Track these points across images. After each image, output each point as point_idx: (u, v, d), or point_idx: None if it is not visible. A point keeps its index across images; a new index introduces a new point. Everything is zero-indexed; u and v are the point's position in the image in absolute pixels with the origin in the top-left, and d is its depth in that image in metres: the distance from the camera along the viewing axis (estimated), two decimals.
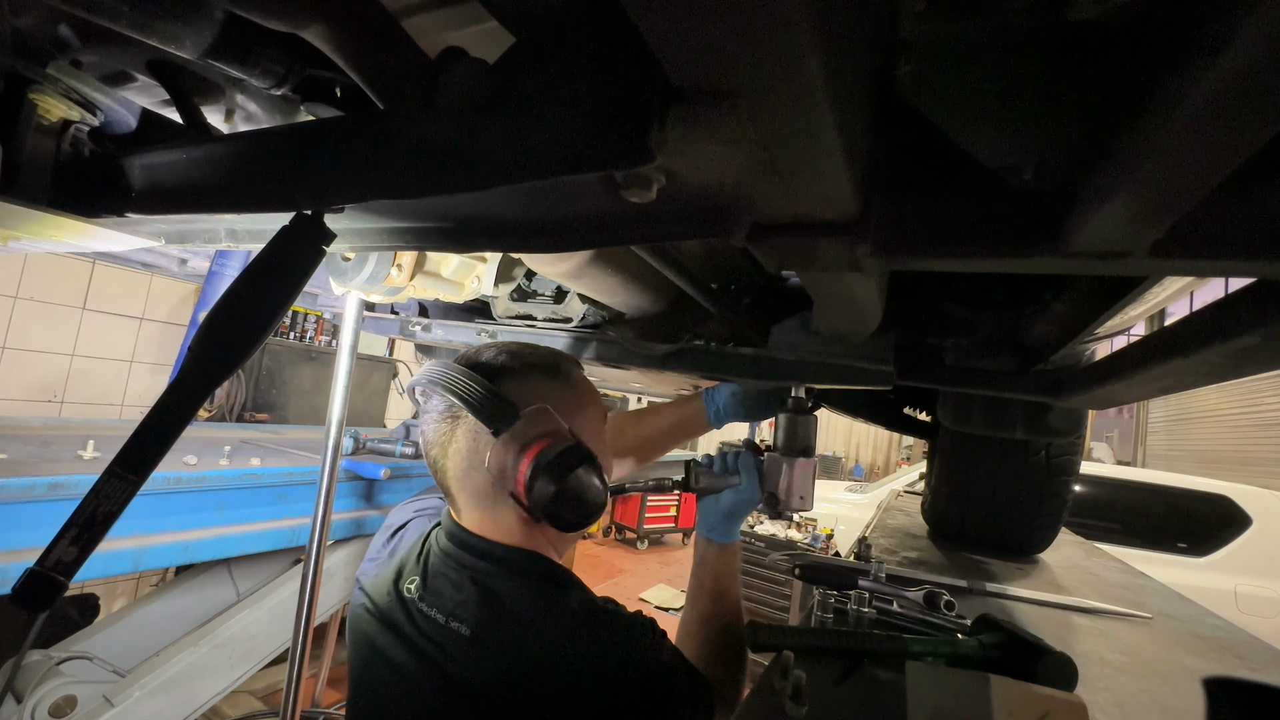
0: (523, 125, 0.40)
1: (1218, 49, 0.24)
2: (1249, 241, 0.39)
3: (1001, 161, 0.44)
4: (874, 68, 0.41)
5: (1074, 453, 1.68)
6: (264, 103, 0.65)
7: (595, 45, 0.37)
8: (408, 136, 0.46)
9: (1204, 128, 0.27)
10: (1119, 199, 0.34)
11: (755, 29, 0.26)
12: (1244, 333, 0.49)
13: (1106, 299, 0.71)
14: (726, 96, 0.32)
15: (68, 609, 2.20)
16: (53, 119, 0.62)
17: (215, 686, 1.50)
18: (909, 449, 11.93)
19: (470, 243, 0.59)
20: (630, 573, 6.05)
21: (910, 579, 1.30)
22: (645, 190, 0.40)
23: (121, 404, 3.24)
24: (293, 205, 0.52)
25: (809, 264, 0.52)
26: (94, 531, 0.44)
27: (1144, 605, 1.45)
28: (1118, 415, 11.44)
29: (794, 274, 0.93)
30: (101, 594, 2.58)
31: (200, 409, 0.57)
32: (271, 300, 0.51)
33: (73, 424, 1.90)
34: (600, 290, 0.86)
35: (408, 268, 1.02)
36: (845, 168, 0.37)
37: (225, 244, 0.74)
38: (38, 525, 1.11)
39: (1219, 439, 7.48)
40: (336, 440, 1.33)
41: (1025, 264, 0.45)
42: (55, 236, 0.73)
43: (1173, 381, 0.71)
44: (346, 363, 1.25)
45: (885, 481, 5.11)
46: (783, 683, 0.76)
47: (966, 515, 1.88)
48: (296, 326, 3.76)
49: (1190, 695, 0.95)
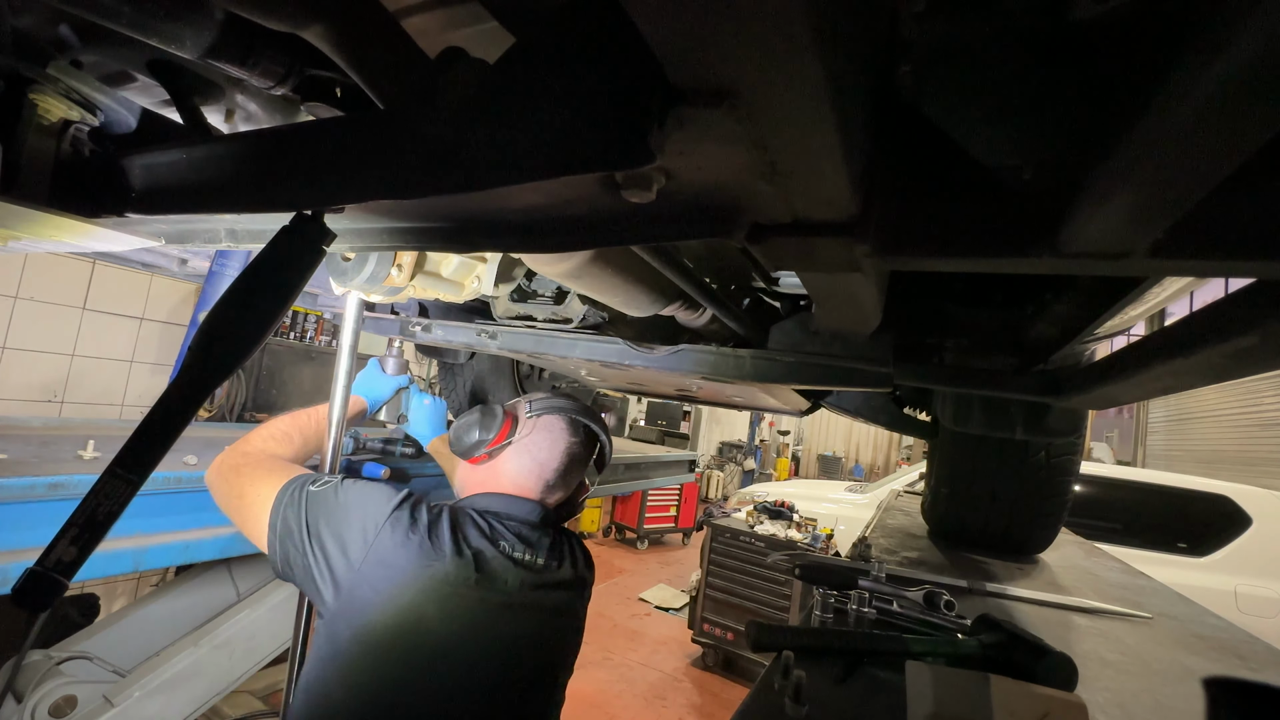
0: (523, 125, 0.40)
1: (1218, 49, 0.24)
2: (1249, 241, 0.39)
3: (1001, 161, 0.44)
4: (874, 68, 0.41)
5: (1074, 453, 1.68)
6: (264, 103, 0.65)
7: (595, 45, 0.37)
8: (408, 136, 0.46)
9: (1204, 128, 0.27)
10: (1119, 199, 0.34)
11: (755, 29, 0.26)
12: (1244, 333, 0.49)
13: (1106, 299, 0.71)
14: (726, 96, 0.32)
15: (68, 609, 2.19)
16: (53, 119, 0.62)
17: (215, 686, 1.50)
18: (909, 449, 11.93)
19: (470, 243, 0.59)
20: (630, 573, 6.05)
21: (910, 579, 1.30)
22: (645, 190, 0.40)
23: (121, 404, 3.24)
24: (293, 205, 0.52)
25: (809, 264, 0.52)
26: (94, 531, 0.44)
27: (1144, 605, 1.45)
28: (1118, 415, 11.44)
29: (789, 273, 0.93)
30: (101, 594, 2.58)
31: (200, 409, 0.57)
32: (271, 300, 0.51)
33: (73, 424, 1.90)
34: (600, 290, 0.86)
35: (408, 268, 1.02)
36: (845, 168, 0.37)
37: (225, 244, 0.74)
38: (38, 525, 1.10)
39: (1219, 439, 7.48)
40: (337, 440, 1.32)
41: (1025, 264, 0.45)
42: (55, 236, 0.73)
43: (1173, 381, 0.71)
44: (346, 363, 1.25)
45: (885, 481, 5.11)
46: (783, 683, 0.76)
47: (966, 515, 1.88)
48: (296, 326, 3.76)
49: (1190, 695, 0.95)
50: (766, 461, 11.61)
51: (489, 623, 0.92)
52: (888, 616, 1.09)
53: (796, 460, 12.70)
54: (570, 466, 1.08)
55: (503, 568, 0.94)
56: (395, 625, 0.85)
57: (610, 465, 1.28)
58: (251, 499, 0.95)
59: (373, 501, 0.92)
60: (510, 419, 1.07)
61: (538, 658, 0.98)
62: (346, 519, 0.90)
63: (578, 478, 1.12)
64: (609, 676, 3.83)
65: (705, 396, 1.77)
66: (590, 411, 1.14)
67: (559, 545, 1.04)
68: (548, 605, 0.99)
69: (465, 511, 0.98)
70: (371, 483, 0.98)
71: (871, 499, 4.62)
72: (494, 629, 0.92)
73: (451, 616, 0.88)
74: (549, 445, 1.07)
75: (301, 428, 1.18)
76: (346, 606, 0.86)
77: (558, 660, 1.03)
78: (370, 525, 0.89)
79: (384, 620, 0.85)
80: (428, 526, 0.91)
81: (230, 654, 1.52)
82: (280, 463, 1.04)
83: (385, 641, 0.85)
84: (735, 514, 4.40)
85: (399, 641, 0.85)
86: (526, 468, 1.06)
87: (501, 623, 0.93)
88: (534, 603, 0.96)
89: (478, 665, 0.90)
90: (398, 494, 0.95)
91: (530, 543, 0.99)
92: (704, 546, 4.14)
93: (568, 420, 1.10)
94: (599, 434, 1.15)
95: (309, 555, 0.88)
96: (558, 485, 1.07)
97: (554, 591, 1.00)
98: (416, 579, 0.87)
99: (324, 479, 0.95)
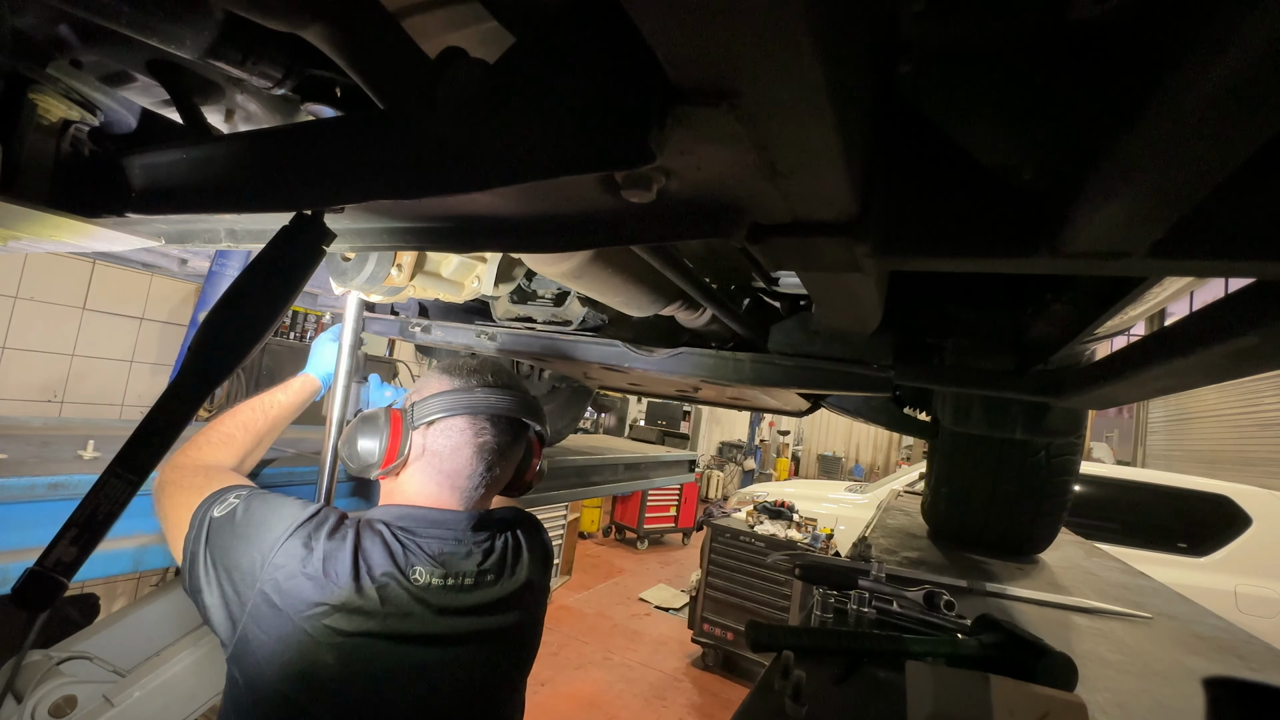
0: (523, 125, 0.40)
1: (1218, 49, 0.24)
2: (1249, 241, 0.39)
3: (1001, 161, 0.44)
4: (874, 68, 0.41)
5: (1074, 453, 1.68)
6: (264, 103, 0.65)
7: (595, 45, 0.37)
8: (408, 136, 0.46)
9: (1204, 128, 0.27)
10: (1119, 199, 0.34)
11: (755, 29, 0.26)
12: (1244, 333, 0.49)
13: (1106, 299, 0.71)
14: (726, 96, 0.32)
15: (68, 609, 2.19)
16: (53, 119, 0.62)
17: (215, 686, 1.49)
18: (909, 449, 11.93)
19: (470, 243, 0.59)
20: (630, 572, 6.05)
21: (910, 579, 1.30)
22: (645, 190, 0.40)
23: (121, 404, 3.24)
24: (293, 205, 0.52)
25: (809, 264, 0.52)
26: (94, 531, 0.44)
27: (1144, 605, 1.45)
28: (1118, 415, 11.44)
29: (789, 273, 0.93)
30: (101, 594, 2.57)
31: (200, 409, 0.57)
32: (271, 300, 0.51)
33: (73, 424, 1.89)
34: (600, 290, 0.86)
35: (408, 268, 1.02)
36: (845, 168, 0.37)
37: (225, 244, 0.74)
38: (38, 525, 1.10)
39: (1219, 439, 7.48)
40: (336, 440, 1.32)
41: (1025, 264, 0.45)
42: (55, 236, 0.73)
43: (1173, 381, 0.71)
44: (346, 363, 1.25)
45: (885, 481, 5.11)
46: (783, 683, 0.76)
47: (966, 515, 1.88)
48: (296, 326, 3.76)
49: (1190, 695, 0.95)
50: (766, 461, 11.61)
51: (403, 666, 0.77)
52: (888, 616, 1.09)
53: (796, 460, 12.70)
54: (492, 461, 0.90)
55: (417, 597, 0.79)
56: (287, 675, 0.72)
57: (610, 465, 1.26)
58: (172, 522, 0.85)
59: (270, 525, 0.79)
60: (396, 434, 0.88)
61: (471, 694, 0.83)
62: (241, 547, 0.78)
63: (510, 463, 0.94)
64: (609, 676, 3.83)
65: (705, 396, 1.77)
66: (500, 388, 0.92)
67: (499, 551, 0.90)
68: (483, 630, 0.85)
69: (376, 528, 0.83)
70: (280, 499, 0.84)
71: (871, 499, 4.61)
72: (410, 671, 0.78)
73: (352, 661, 0.74)
74: (451, 453, 0.88)
75: (246, 423, 1.05)
76: (240, 650, 0.74)
77: (500, 691, 0.88)
78: (260, 555, 0.77)
79: (274, 669, 0.72)
80: (324, 556, 0.77)
81: None
82: (205, 475, 0.90)
83: (278, 694, 0.72)
84: (735, 514, 4.40)
85: (293, 695, 0.72)
86: (436, 481, 0.88)
87: (421, 662, 0.78)
88: (464, 631, 0.83)
89: (394, 716, 0.77)
90: (303, 514, 0.81)
91: (454, 561, 0.84)
92: (704, 546, 4.14)
93: (467, 419, 0.89)
94: (516, 414, 0.92)
95: (205, 589, 0.77)
96: (482, 485, 0.90)
97: (490, 615, 0.86)
98: (309, 619, 0.73)
99: (230, 499, 0.83)
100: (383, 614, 0.77)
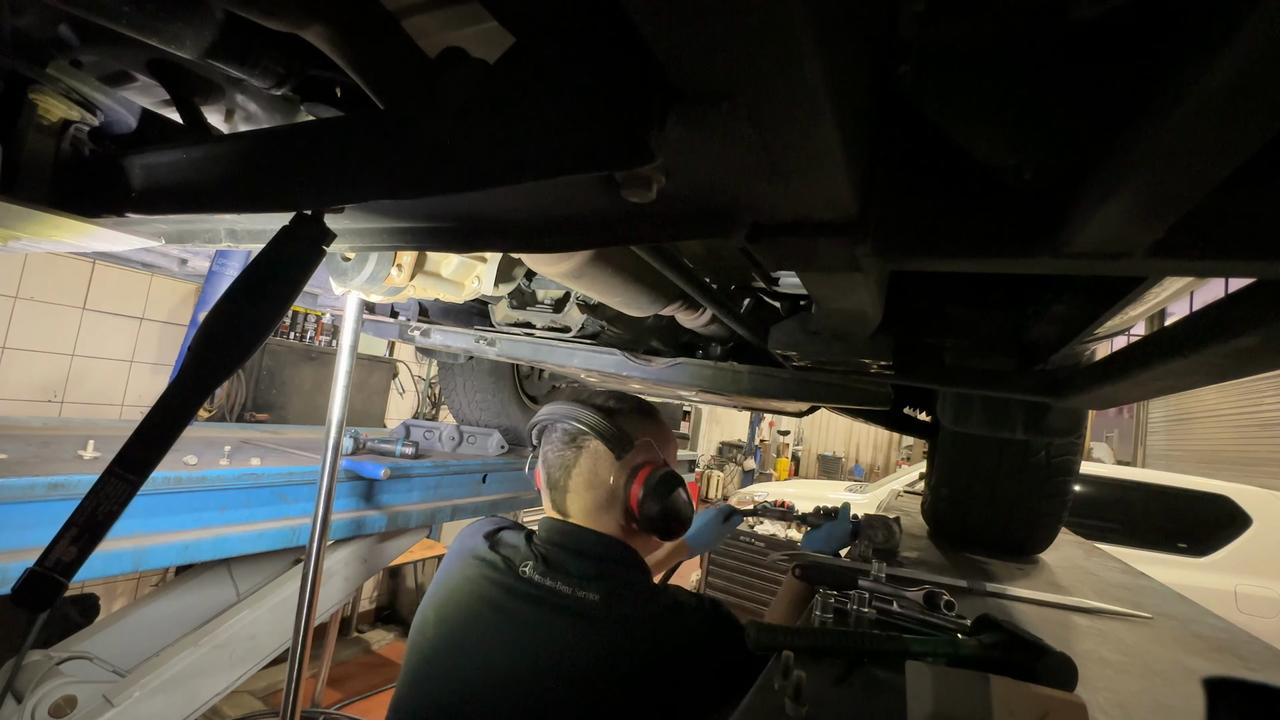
0: (523, 125, 0.40)
1: (1217, 49, 0.24)
2: (1249, 241, 0.39)
3: (1001, 161, 0.44)
4: (874, 68, 0.41)
5: (1074, 453, 1.67)
6: (264, 103, 0.65)
7: (595, 45, 0.37)
8: (408, 136, 0.46)
9: (1204, 128, 0.27)
10: (1119, 199, 0.34)
11: (755, 29, 0.26)
12: (1244, 333, 0.49)
13: (1106, 299, 0.71)
14: (726, 96, 0.32)
15: (68, 609, 2.19)
16: (53, 119, 0.62)
17: (215, 686, 1.50)
18: (909, 449, 11.93)
19: (470, 243, 0.59)
20: None
21: (910, 579, 1.30)
22: (645, 190, 0.40)
23: (121, 404, 3.24)
24: (293, 205, 0.52)
25: (809, 264, 0.52)
26: (94, 531, 0.44)
27: (1144, 605, 1.45)
28: (1118, 415, 11.44)
29: (789, 273, 0.93)
30: (101, 594, 2.58)
31: (200, 409, 0.57)
32: (272, 300, 0.51)
33: (73, 424, 1.90)
34: (600, 290, 0.86)
35: (408, 268, 1.02)
36: (845, 168, 0.37)
37: (225, 244, 0.74)
38: (38, 525, 1.10)
39: (1219, 439, 7.48)
40: (337, 440, 1.33)
41: (1025, 264, 0.45)
42: (55, 236, 0.73)
43: (1173, 381, 0.71)
44: (346, 363, 1.25)
45: (885, 481, 5.12)
46: (783, 683, 0.76)
47: (966, 515, 1.88)
48: (296, 326, 3.76)
49: (1190, 695, 0.95)
50: (766, 461, 11.61)
51: (489, 624, 0.89)
52: (888, 616, 1.09)
53: (796, 460, 12.70)
54: (549, 470, 0.99)
55: (507, 574, 0.93)
56: (416, 622, 0.96)
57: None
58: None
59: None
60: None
61: (516, 665, 0.87)
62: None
63: (565, 471, 0.97)
64: None
65: (704, 396, 1.77)
66: (562, 402, 1.01)
67: (600, 580, 0.90)
68: (532, 618, 0.89)
69: (530, 530, 1.01)
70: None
71: (871, 499, 4.61)
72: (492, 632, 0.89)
73: (457, 616, 0.92)
74: (557, 462, 0.99)
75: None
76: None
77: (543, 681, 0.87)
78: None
79: (415, 619, 0.97)
80: (474, 536, 0.99)
81: (230, 654, 1.53)
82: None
83: (410, 640, 0.95)
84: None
85: (413, 638, 0.94)
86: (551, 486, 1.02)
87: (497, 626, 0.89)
88: (524, 614, 0.89)
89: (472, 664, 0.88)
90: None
91: (554, 564, 0.91)
92: None
93: (560, 431, 0.99)
94: (563, 418, 0.99)
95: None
96: (547, 494, 1.00)
97: (549, 610, 0.89)
98: (439, 579, 0.97)
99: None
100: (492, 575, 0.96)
